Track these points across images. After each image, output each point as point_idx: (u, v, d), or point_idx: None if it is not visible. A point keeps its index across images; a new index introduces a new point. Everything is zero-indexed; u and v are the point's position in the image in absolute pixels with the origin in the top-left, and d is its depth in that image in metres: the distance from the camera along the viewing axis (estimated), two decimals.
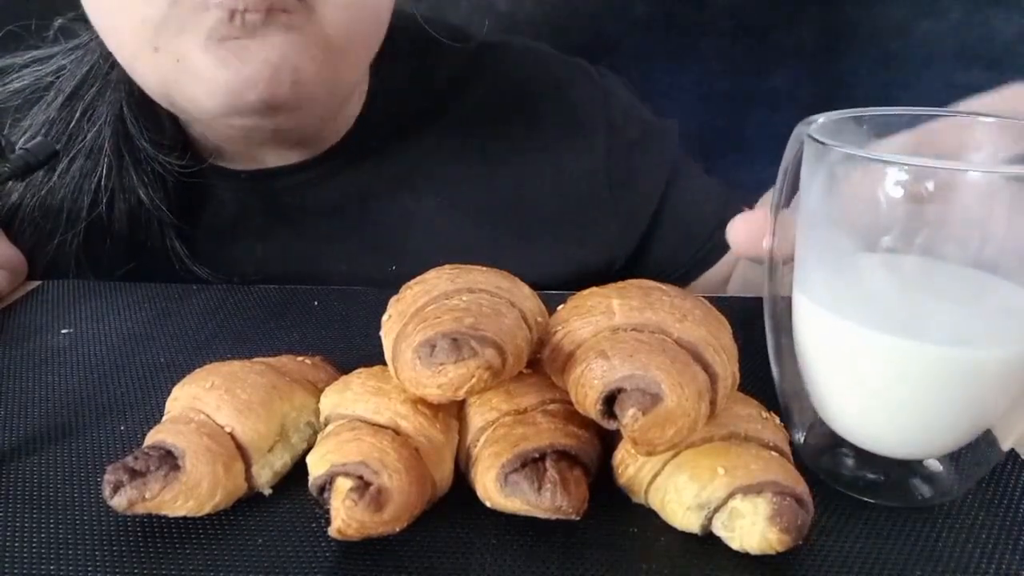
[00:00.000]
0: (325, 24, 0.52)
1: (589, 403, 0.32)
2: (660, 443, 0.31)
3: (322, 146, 0.65)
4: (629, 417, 0.30)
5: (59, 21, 0.65)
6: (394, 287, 0.39)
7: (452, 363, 0.31)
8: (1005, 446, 0.35)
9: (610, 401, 0.32)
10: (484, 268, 0.38)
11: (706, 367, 0.32)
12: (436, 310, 0.34)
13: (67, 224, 0.61)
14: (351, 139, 0.65)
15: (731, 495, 0.32)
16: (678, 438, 0.31)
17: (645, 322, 0.33)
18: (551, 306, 0.37)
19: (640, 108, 0.73)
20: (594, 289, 0.36)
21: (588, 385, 0.32)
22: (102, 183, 0.60)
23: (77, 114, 0.61)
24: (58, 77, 0.63)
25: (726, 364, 0.33)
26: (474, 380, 0.31)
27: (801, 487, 0.32)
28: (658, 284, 0.36)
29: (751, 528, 0.31)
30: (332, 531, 0.31)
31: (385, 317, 0.37)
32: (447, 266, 0.38)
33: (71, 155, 0.60)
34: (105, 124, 0.60)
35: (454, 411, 0.37)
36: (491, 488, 0.33)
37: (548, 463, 0.33)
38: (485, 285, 0.36)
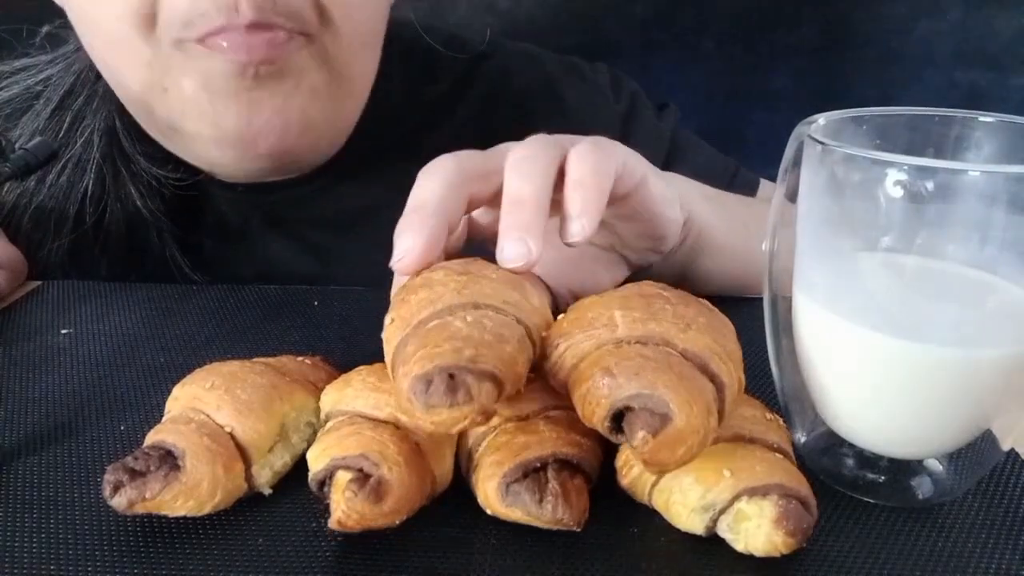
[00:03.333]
0: (331, 63, 0.52)
1: (596, 420, 0.32)
2: (671, 463, 0.31)
3: (318, 162, 0.65)
4: (639, 440, 0.30)
5: (46, 28, 0.65)
6: None
7: (447, 407, 0.30)
8: (1005, 446, 0.35)
9: (617, 417, 0.31)
10: (494, 271, 0.36)
11: (712, 377, 0.32)
12: (438, 333, 0.32)
13: (54, 234, 0.61)
14: (348, 153, 0.65)
15: (737, 497, 0.32)
16: (688, 456, 0.31)
17: (649, 334, 0.33)
18: (553, 307, 0.37)
19: (634, 97, 0.73)
20: (595, 298, 0.35)
21: (595, 403, 0.31)
22: (89, 193, 0.60)
23: (66, 124, 0.61)
24: (47, 86, 0.63)
25: (731, 372, 0.33)
26: (467, 422, 0.31)
27: (806, 489, 0.32)
28: (660, 291, 0.35)
29: (756, 531, 0.31)
30: (332, 523, 0.31)
31: (388, 320, 0.36)
32: (456, 265, 0.36)
33: (60, 164, 0.60)
34: (94, 134, 0.60)
35: None
36: (492, 497, 0.33)
37: (550, 473, 0.33)
38: (492, 299, 0.34)
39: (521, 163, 0.38)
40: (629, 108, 0.72)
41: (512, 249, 0.36)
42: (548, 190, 0.37)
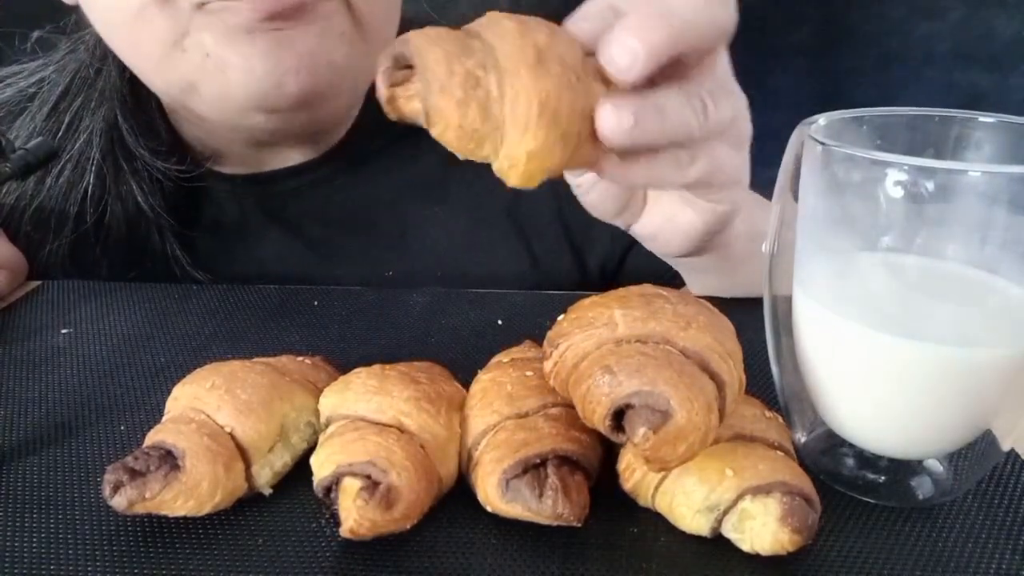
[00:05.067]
0: (355, 12, 0.53)
1: (597, 419, 0.32)
2: (672, 459, 0.31)
3: (321, 147, 0.65)
4: (640, 437, 0.30)
5: (36, 33, 0.65)
6: (393, 289, 0.38)
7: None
8: (1005, 446, 0.35)
9: (618, 416, 0.32)
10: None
11: (713, 375, 0.32)
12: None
13: (55, 235, 0.61)
14: (349, 142, 0.65)
15: (740, 496, 0.32)
16: (690, 453, 0.31)
17: (649, 333, 0.33)
18: (551, 308, 0.37)
19: None
20: (595, 299, 0.35)
21: (596, 402, 0.32)
22: (89, 193, 0.60)
23: (64, 125, 0.61)
24: (40, 88, 0.63)
25: (732, 370, 0.33)
26: None
27: (809, 486, 0.32)
28: (659, 290, 0.35)
29: (762, 529, 0.31)
30: (344, 531, 0.31)
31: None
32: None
33: (60, 165, 0.60)
34: (94, 134, 0.60)
35: (457, 406, 0.37)
36: (492, 494, 0.33)
37: (550, 469, 0.33)
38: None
39: None
40: None
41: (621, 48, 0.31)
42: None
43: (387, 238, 0.67)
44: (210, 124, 0.60)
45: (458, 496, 0.35)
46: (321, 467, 0.34)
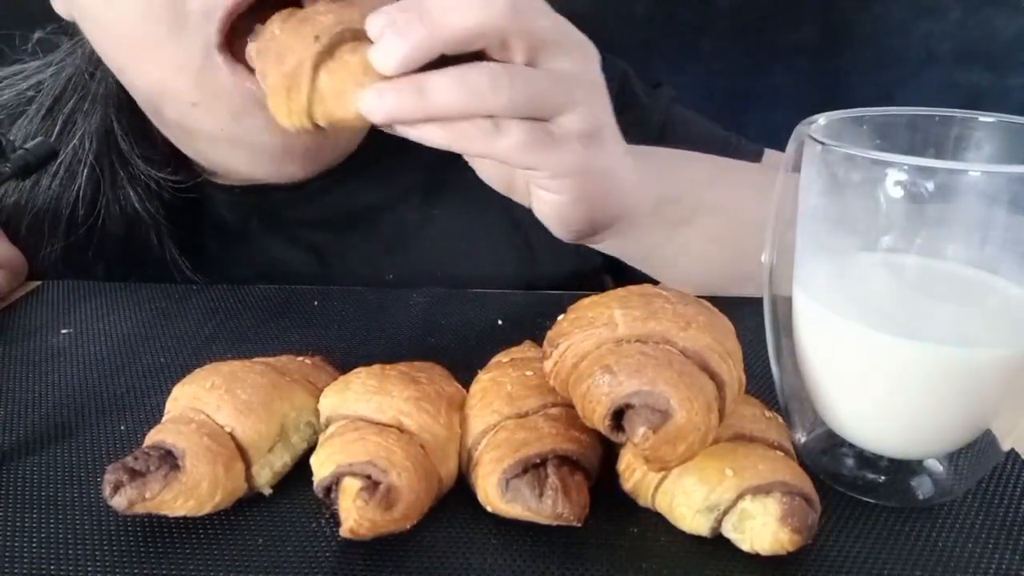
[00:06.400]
0: None
1: (597, 418, 0.32)
2: (672, 459, 0.31)
3: (336, 160, 0.64)
4: (640, 436, 0.30)
5: (37, 34, 0.65)
6: (393, 290, 0.38)
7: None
8: (1005, 446, 0.35)
9: (618, 415, 0.32)
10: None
11: (713, 375, 0.32)
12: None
13: (49, 238, 0.61)
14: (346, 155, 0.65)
15: (740, 496, 0.32)
16: (689, 453, 0.31)
17: (649, 332, 0.33)
18: (551, 308, 0.37)
19: (624, 75, 0.72)
20: (595, 298, 0.35)
21: (596, 401, 0.32)
22: (81, 196, 0.60)
23: (57, 128, 0.61)
24: (39, 91, 0.63)
25: (732, 370, 0.33)
26: None
27: (808, 486, 0.32)
28: (659, 290, 0.35)
29: (762, 529, 0.31)
30: (344, 531, 0.31)
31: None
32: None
33: (53, 168, 0.60)
34: (85, 137, 0.60)
35: (457, 406, 0.37)
36: (492, 493, 0.33)
37: (550, 469, 0.33)
38: None
39: None
40: (620, 86, 0.71)
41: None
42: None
43: (387, 241, 0.66)
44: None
45: (458, 496, 0.35)
46: (321, 467, 0.34)
